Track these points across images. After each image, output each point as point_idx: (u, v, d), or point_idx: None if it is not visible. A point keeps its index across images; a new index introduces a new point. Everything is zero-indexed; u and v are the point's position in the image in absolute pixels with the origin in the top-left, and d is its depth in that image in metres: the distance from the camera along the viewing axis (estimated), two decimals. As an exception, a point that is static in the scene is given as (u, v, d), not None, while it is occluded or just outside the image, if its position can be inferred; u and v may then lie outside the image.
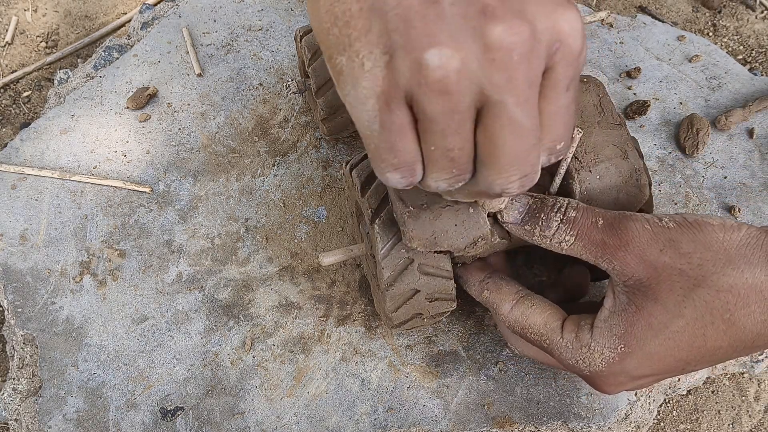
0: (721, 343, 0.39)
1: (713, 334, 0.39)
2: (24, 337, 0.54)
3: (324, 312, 0.54)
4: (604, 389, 0.43)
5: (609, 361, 0.41)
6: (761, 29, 0.73)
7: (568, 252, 0.42)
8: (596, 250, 0.41)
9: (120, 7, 0.76)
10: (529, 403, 0.51)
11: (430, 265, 0.45)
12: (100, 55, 0.66)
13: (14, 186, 0.59)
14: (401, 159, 0.33)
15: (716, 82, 0.64)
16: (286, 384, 0.52)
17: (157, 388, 0.52)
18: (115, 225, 0.57)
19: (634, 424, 0.52)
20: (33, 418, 0.51)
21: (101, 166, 0.60)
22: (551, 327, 0.43)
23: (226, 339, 0.53)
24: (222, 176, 0.60)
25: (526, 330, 0.44)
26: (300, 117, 0.62)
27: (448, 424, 0.50)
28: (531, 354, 0.48)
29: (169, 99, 0.63)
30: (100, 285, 0.55)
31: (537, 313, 0.44)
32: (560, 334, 0.42)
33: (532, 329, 0.43)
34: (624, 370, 0.41)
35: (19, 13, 0.75)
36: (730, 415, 0.56)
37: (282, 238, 0.57)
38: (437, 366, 0.52)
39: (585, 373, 0.42)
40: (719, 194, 0.59)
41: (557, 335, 0.42)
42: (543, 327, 0.43)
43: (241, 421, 0.50)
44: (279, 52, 0.65)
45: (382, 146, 0.33)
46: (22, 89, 0.72)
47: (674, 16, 0.74)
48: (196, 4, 0.68)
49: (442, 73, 0.30)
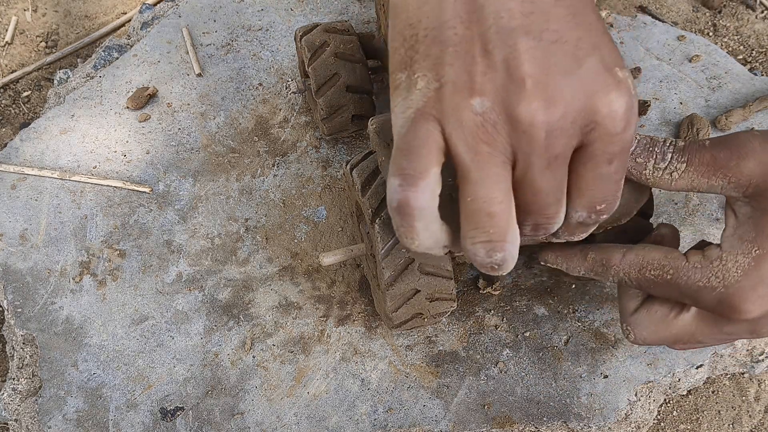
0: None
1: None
2: (24, 337, 0.53)
3: (324, 312, 0.54)
4: (743, 308, 0.40)
5: (744, 268, 0.39)
6: (761, 29, 0.73)
7: (676, 185, 0.41)
8: (708, 170, 0.40)
9: (120, 7, 0.76)
10: (529, 403, 0.51)
11: (430, 264, 0.45)
12: (100, 55, 0.66)
13: (14, 186, 0.59)
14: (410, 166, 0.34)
15: (716, 82, 0.64)
16: (286, 384, 0.52)
17: (157, 388, 0.52)
18: (115, 225, 0.57)
19: (634, 424, 0.52)
20: (33, 418, 0.51)
21: (101, 166, 0.60)
22: (673, 256, 0.42)
23: (226, 339, 0.53)
24: (222, 176, 0.59)
25: (645, 268, 0.42)
26: (300, 117, 0.62)
27: (448, 424, 0.50)
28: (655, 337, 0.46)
29: (168, 99, 0.63)
30: (100, 285, 0.55)
31: (654, 249, 0.42)
32: (685, 259, 0.41)
33: (652, 264, 0.42)
34: (762, 277, 0.39)
35: (18, 13, 0.75)
36: (731, 415, 0.56)
37: (282, 238, 0.57)
38: (437, 366, 0.52)
39: (719, 293, 0.40)
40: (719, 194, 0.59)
41: (682, 261, 0.41)
42: (664, 258, 0.42)
43: (241, 421, 0.50)
44: (279, 52, 0.65)
45: (400, 147, 0.34)
46: (22, 89, 0.72)
47: (674, 16, 0.74)
48: (196, 4, 0.68)
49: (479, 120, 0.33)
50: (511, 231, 0.35)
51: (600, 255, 0.44)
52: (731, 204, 0.41)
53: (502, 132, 0.33)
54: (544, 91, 0.32)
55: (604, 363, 0.52)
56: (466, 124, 0.33)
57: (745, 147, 0.40)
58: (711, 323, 0.43)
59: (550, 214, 0.36)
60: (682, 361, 0.52)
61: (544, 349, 0.53)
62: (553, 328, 0.53)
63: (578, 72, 0.32)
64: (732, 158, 0.40)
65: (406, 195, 0.34)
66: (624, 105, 0.33)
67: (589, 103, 0.33)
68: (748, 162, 0.39)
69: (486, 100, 0.32)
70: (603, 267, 0.44)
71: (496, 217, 0.34)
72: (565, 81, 0.32)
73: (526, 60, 0.32)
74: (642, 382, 0.51)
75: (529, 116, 0.32)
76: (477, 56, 0.33)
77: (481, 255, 0.35)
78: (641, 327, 0.45)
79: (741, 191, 0.40)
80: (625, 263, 0.43)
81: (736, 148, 0.40)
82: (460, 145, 0.33)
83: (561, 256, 0.46)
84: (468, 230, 0.35)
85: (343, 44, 0.56)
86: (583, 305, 0.54)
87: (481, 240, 0.35)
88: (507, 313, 0.54)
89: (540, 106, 0.32)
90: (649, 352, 0.52)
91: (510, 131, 0.33)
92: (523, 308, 0.54)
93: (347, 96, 0.56)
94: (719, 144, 0.40)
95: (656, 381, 0.52)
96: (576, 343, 0.53)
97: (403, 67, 0.35)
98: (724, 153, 0.40)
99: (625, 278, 0.43)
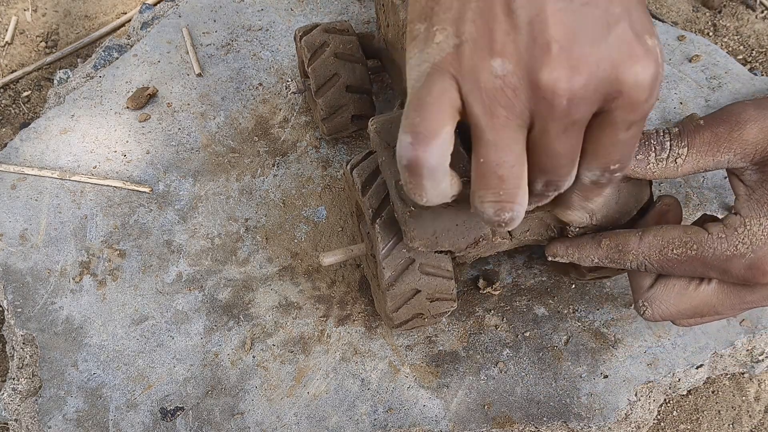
0: None
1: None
2: (24, 337, 0.53)
3: (324, 312, 0.54)
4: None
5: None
6: (761, 29, 0.73)
7: (683, 170, 0.41)
8: (712, 148, 0.40)
9: (120, 7, 0.76)
10: (529, 403, 0.51)
11: (431, 265, 0.45)
12: (100, 55, 0.66)
13: (14, 186, 0.59)
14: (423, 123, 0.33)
15: (716, 82, 0.64)
16: (286, 384, 0.52)
17: (157, 388, 0.52)
18: (115, 225, 0.57)
19: (635, 424, 0.52)
20: (33, 418, 0.51)
21: (101, 166, 0.60)
22: (693, 231, 0.41)
23: (226, 339, 0.53)
24: (222, 176, 0.59)
25: (666, 247, 0.41)
26: (300, 117, 0.62)
27: (448, 424, 0.50)
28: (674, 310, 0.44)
29: (168, 99, 0.63)
30: (100, 285, 0.55)
31: (671, 228, 0.42)
32: (706, 232, 0.40)
33: (673, 242, 0.41)
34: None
35: (18, 13, 0.75)
36: (731, 415, 0.56)
37: (282, 238, 0.57)
38: (437, 366, 0.52)
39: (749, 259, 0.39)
40: (719, 194, 0.59)
41: (703, 234, 0.40)
42: (684, 234, 0.41)
43: (241, 421, 0.50)
44: (279, 52, 0.65)
45: (413, 102, 0.33)
46: (22, 89, 0.72)
47: (674, 16, 0.74)
48: (196, 4, 0.68)
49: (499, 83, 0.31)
50: (521, 193, 0.34)
51: (615, 241, 0.43)
52: (738, 175, 0.41)
53: (521, 96, 0.32)
54: (569, 58, 0.31)
55: (604, 363, 0.52)
56: (484, 86, 0.32)
57: (741, 116, 0.39)
58: (732, 293, 0.42)
59: (562, 174, 0.35)
60: (682, 361, 0.52)
61: (544, 349, 0.53)
62: (553, 328, 0.53)
63: (607, 39, 0.31)
64: (733, 130, 0.39)
65: (417, 154, 0.33)
66: (650, 76, 0.32)
67: (614, 72, 0.31)
68: (750, 130, 0.39)
69: (507, 63, 0.31)
70: (619, 252, 0.43)
71: (507, 180, 0.34)
72: (592, 49, 0.31)
73: (553, 23, 0.31)
74: (642, 382, 0.51)
75: (551, 83, 0.31)
76: (500, 14, 0.31)
77: (489, 213, 0.35)
78: (659, 301, 0.44)
79: (748, 160, 0.40)
80: (644, 245, 0.42)
81: (734, 120, 0.39)
82: (476, 106, 0.32)
83: (572, 247, 0.45)
84: (478, 189, 0.34)
85: (342, 44, 0.56)
86: (583, 305, 0.54)
87: (490, 200, 0.34)
88: (507, 313, 0.54)
89: (564, 74, 0.31)
90: (649, 351, 0.52)
91: (530, 96, 0.32)
92: (523, 308, 0.54)
93: (347, 96, 0.56)
94: (715, 120, 0.40)
95: (656, 381, 0.52)
96: (576, 343, 0.53)
97: (422, 18, 0.33)
98: (723, 127, 0.40)
99: (645, 261, 0.42)
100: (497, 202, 0.34)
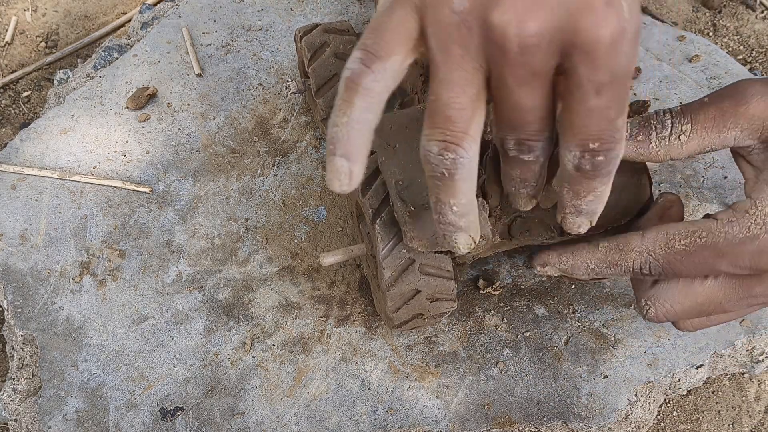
0: None
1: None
2: (24, 337, 0.53)
3: (324, 312, 0.54)
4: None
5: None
6: (761, 29, 0.73)
7: (687, 149, 0.40)
8: (717, 123, 0.39)
9: (120, 7, 0.76)
10: (529, 403, 0.51)
11: (431, 265, 0.45)
12: (100, 55, 0.66)
13: (14, 186, 0.59)
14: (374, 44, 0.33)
15: (716, 82, 0.64)
16: (286, 384, 0.52)
17: (157, 389, 0.52)
18: (114, 225, 0.57)
19: (634, 425, 0.52)
20: (33, 419, 0.51)
21: (101, 166, 0.60)
22: (699, 221, 0.39)
23: (226, 339, 0.53)
24: (222, 176, 0.59)
25: (672, 239, 0.39)
26: (300, 117, 0.62)
27: (448, 424, 0.50)
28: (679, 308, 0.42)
29: (168, 99, 0.63)
30: (99, 285, 0.55)
31: (674, 224, 0.40)
32: (713, 219, 0.39)
33: (680, 234, 0.39)
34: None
35: (18, 13, 0.75)
36: (731, 415, 0.56)
37: (282, 238, 0.57)
38: (437, 366, 0.52)
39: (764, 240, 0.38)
40: (719, 194, 0.59)
41: (712, 223, 0.39)
42: (690, 225, 0.39)
43: (241, 422, 0.50)
44: (279, 52, 0.65)
45: (372, 25, 0.33)
46: (22, 89, 0.72)
47: (674, 16, 0.74)
48: (196, 4, 0.68)
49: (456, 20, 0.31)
50: (470, 139, 0.33)
51: (614, 241, 0.41)
52: (744, 156, 0.40)
53: (475, 37, 0.31)
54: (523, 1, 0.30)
55: (604, 363, 0.52)
56: (442, 21, 0.32)
57: (748, 91, 0.38)
58: (739, 286, 0.40)
59: (531, 131, 0.34)
60: (682, 361, 0.52)
61: (544, 349, 0.53)
62: (553, 328, 0.53)
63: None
64: (739, 104, 0.38)
65: (358, 72, 0.33)
66: (610, 29, 0.30)
67: (570, 21, 0.30)
68: (758, 105, 0.38)
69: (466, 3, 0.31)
70: (620, 252, 0.41)
71: (455, 122, 0.33)
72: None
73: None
74: (642, 382, 0.51)
75: (501, 27, 0.30)
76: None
77: (434, 152, 0.34)
78: (662, 299, 0.42)
79: (756, 137, 0.39)
80: (648, 240, 0.40)
81: (740, 95, 0.38)
82: (433, 41, 0.32)
83: (565, 254, 0.43)
84: (426, 128, 0.34)
85: (343, 44, 0.56)
86: (583, 305, 0.54)
87: (435, 138, 0.33)
88: (507, 313, 0.54)
89: (514, 18, 0.30)
90: (649, 352, 0.52)
91: (483, 38, 0.31)
92: (523, 308, 0.54)
93: (347, 96, 0.56)
94: (720, 96, 0.39)
95: (656, 381, 0.52)
96: (576, 343, 0.53)
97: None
98: (728, 102, 0.39)
99: (651, 258, 0.40)
100: (442, 141, 0.33)
